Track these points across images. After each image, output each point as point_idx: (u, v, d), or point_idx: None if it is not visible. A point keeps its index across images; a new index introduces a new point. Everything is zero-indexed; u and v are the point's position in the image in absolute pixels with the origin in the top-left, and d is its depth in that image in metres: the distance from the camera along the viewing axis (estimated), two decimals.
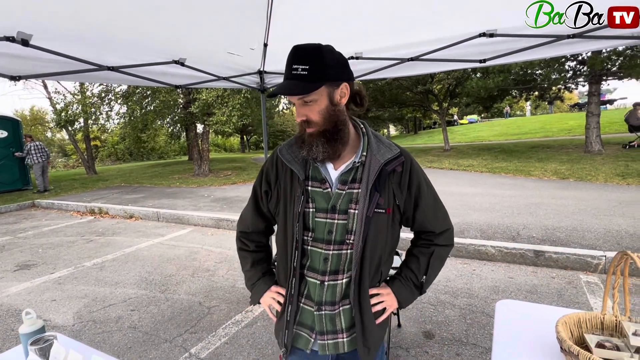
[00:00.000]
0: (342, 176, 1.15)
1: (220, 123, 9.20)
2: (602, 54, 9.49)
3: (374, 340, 1.23)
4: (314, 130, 1.11)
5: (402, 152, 1.18)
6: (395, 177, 1.17)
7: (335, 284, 1.18)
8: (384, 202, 1.14)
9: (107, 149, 28.19)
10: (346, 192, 1.14)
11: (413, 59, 2.63)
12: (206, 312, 3.24)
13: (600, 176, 7.51)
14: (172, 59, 2.53)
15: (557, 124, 19.83)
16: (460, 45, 2.42)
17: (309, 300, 1.21)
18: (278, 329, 1.29)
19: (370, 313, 1.20)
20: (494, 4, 2.13)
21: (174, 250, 5.05)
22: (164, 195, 9.01)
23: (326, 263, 1.17)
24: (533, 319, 1.54)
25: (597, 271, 3.63)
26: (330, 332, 1.20)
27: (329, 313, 1.19)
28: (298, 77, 1.04)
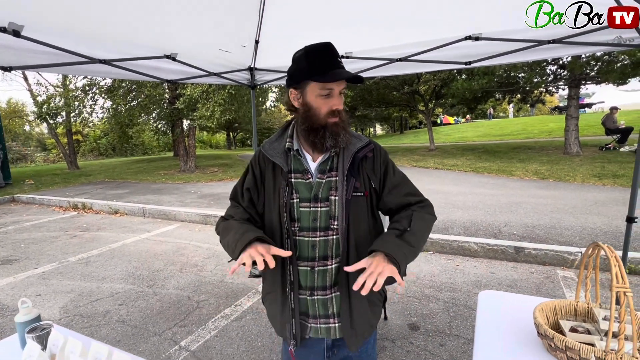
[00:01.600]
0: (321, 166, 1.25)
1: (204, 118, 9.13)
2: (582, 59, 9.81)
3: (362, 327, 1.28)
4: (339, 120, 1.20)
5: (370, 141, 1.29)
6: (368, 163, 1.26)
7: (325, 269, 1.24)
8: (360, 185, 1.23)
9: (89, 143, 27.57)
10: (325, 181, 1.23)
11: (402, 60, 2.71)
12: (195, 306, 3.26)
13: (578, 177, 7.79)
14: (164, 53, 2.55)
15: (538, 126, 20.36)
16: (447, 47, 2.51)
17: (302, 290, 1.26)
18: (282, 320, 1.30)
19: (360, 299, 1.24)
20: (479, 9, 2.23)
21: (161, 245, 5.03)
22: (150, 191, 8.91)
23: (314, 250, 1.23)
24: (513, 307, 1.63)
25: (573, 267, 3.80)
26: (323, 317, 1.26)
27: (321, 298, 1.25)
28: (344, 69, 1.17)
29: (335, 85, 1.17)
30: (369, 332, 1.33)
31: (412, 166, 11.24)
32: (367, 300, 1.29)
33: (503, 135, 18.72)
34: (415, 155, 13.45)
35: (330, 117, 1.18)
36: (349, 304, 1.24)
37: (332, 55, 1.17)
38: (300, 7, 2.44)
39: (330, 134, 1.19)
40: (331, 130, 1.19)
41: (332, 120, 1.19)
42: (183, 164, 12.02)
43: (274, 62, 3.16)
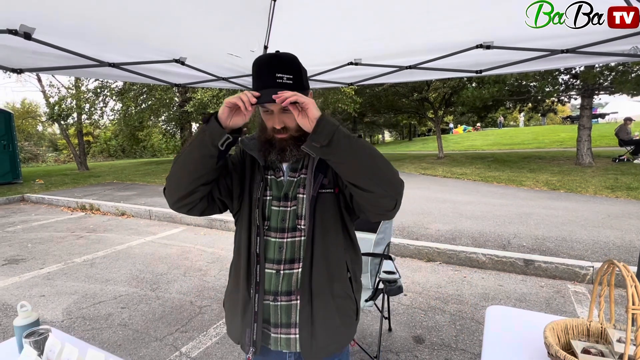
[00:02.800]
0: (292, 165, 1.22)
1: None
2: (595, 68, 9.68)
3: (326, 340, 1.19)
4: (287, 136, 1.15)
5: None
6: None
7: (291, 272, 1.18)
8: (328, 182, 1.19)
9: (99, 145, 27.96)
10: (296, 179, 1.21)
11: (411, 67, 2.68)
12: (197, 311, 3.23)
13: (590, 188, 7.64)
14: (173, 57, 2.54)
15: (550, 136, 20.12)
16: (458, 55, 2.47)
17: (266, 294, 1.19)
18: (242, 326, 1.22)
19: (325, 306, 1.17)
20: (491, 16, 2.19)
21: (165, 248, 5.02)
22: (157, 193, 8.95)
23: (281, 252, 1.19)
24: (522, 324, 1.58)
25: (584, 281, 3.70)
26: (284, 325, 1.18)
27: (285, 304, 1.18)
28: (284, 86, 1.06)
29: (269, 106, 1.10)
30: (336, 347, 1.23)
31: (420, 174, 11.16)
32: (336, 309, 1.20)
33: (513, 145, 18.52)
34: (424, 162, 13.36)
35: (276, 133, 1.15)
36: (310, 311, 1.16)
37: (270, 71, 1.06)
38: (310, 12, 2.43)
39: (276, 149, 1.17)
40: (278, 146, 1.16)
41: (279, 136, 1.15)
42: None
43: None
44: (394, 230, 5.08)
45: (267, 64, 1.09)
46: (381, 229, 2.63)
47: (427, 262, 4.33)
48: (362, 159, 1.00)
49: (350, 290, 1.25)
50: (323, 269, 1.17)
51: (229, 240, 5.38)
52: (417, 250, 4.44)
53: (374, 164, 1.01)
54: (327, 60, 2.92)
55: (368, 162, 1.01)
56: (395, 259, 2.81)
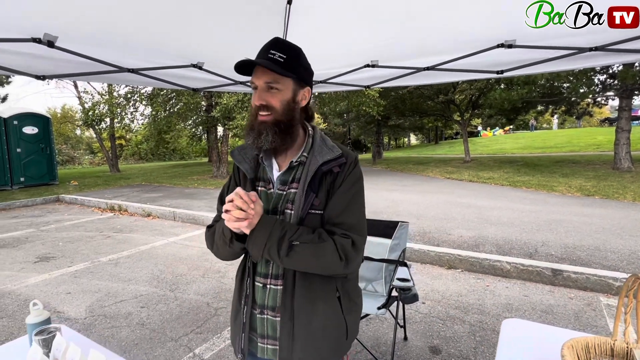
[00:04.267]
0: (282, 176, 1.17)
1: (240, 127, 9.33)
2: (635, 67, 9.15)
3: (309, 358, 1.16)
4: (269, 118, 1.10)
5: (344, 154, 1.16)
6: (331, 178, 1.14)
7: (276, 288, 1.15)
8: (319, 203, 1.12)
9: (131, 148, 29.09)
10: (285, 193, 1.15)
11: (429, 69, 2.60)
12: (213, 313, 3.26)
13: (628, 194, 7.20)
14: (191, 62, 2.59)
15: (585, 139, 19.19)
16: (477, 56, 2.38)
17: (254, 304, 1.19)
18: (234, 332, 1.26)
19: (308, 327, 1.14)
20: (512, 13, 2.09)
21: (187, 250, 5.13)
22: (182, 195, 9.18)
23: (268, 266, 1.16)
24: (539, 340, 1.48)
25: (619, 294, 3.46)
26: (271, 338, 1.18)
27: (271, 318, 1.17)
28: (274, 61, 1.06)
29: (255, 78, 1.10)
30: None
31: (445, 178, 10.89)
32: (319, 329, 1.15)
33: (545, 148, 17.77)
34: (449, 167, 13.03)
35: (258, 113, 1.10)
36: (291, 327, 1.13)
37: (266, 49, 1.09)
38: (326, 14, 2.40)
39: (254, 132, 1.12)
40: (256, 129, 1.11)
41: (261, 117, 1.10)
42: (215, 169, 12.34)
43: None
44: (415, 235, 4.96)
45: (266, 44, 1.12)
46: (396, 234, 2.56)
47: (448, 269, 4.19)
48: (296, 267, 1.11)
49: (339, 310, 1.19)
50: (305, 289, 1.14)
51: None
52: (438, 256, 4.31)
53: (306, 268, 1.11)
54: (343, 62, 2.89)
55: (301, 268, 1.11)
56: (411, 266, 2.73)
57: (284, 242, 1.05)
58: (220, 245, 1.15)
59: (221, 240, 1.14)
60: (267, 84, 1.09)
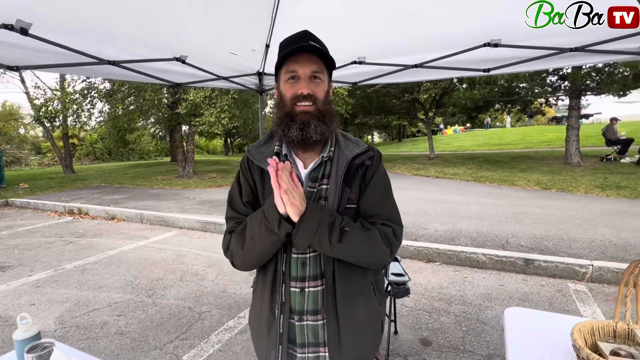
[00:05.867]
0: (312, 173, 1.13)
1: (208, 124, 9.04)
2: (583, 70, 9.86)
3: (353, 356, 1.14)
4: (313, 108, 1.08)
5: (370, 147, 1.17)
6: (363, 170, 1.14)
7: (316, 290, 1.11)
8: (355, 196, 1.11)
9: (85, 147, 27.36)
10: (317, 189, 1.12)
11: (417, 66, 2.64)
12: (197, 317, 3.14)
13: (581, 187, 7.75)
14: (174, 56, 2.46)
15: (537, 136, 20.45)
16: (465, 54, 2.45)
17: (291, 313, 1.12)
18: (266, 347, 1.16)
19: (351, 323, 1.11)
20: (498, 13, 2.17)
21: (160, 253, 4.90)
22: (148, 196, 8.77)
23: (304, 268, 1.11)
24: (543, 327, 1.54)
25: (584, 280, 3.72)
26: (312, 345, 1.12)
27: (312, 324, 1.11)
28: (316, 50, 1.05)
29: (299, 67, 1.05)
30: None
31: (412, 174, 11.19)
32: (362, 325, 1.14)
33: (502, 145, 18.76)
34: (416, 163, 13.41)
35: (297, 103, 1.06)
36: (337, 327, 1.10)
37: (302, 38, 1.06)
38: (313, 9, 2.37)
39: (297, 123, 1.06)
40: (300, 119, 1.06)
41: (300, 107, 1.06)
42: (181, 169, 11.90)
43: None
44: None
45: (299, 35, 1.09)
46: None
47: (427, 262, 4.31)
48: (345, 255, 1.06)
49: (376, 302, 1.19)
50: (345, 284, 1.11)
51: None
52: (417, 251, 4.42)
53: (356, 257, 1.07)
54: None
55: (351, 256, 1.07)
56: (401, 261, 2.77)
57: (334, 228, 1.02)
58: (259, 238, 1.05)
59: (263, 229, 1.03)
60: (313, 72, 1.07)
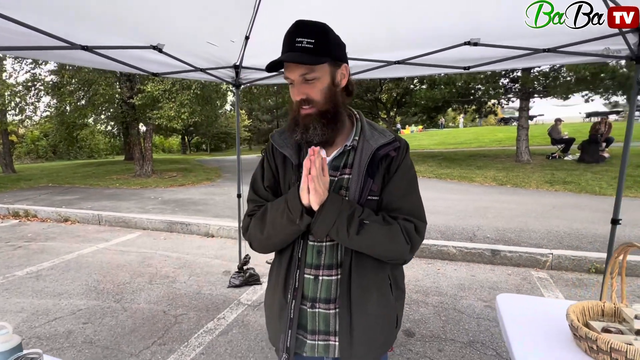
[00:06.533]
0: (334, 162, 1.11)
1: (167, 118, 8.61)
2: (532, 73, 10.58)
3: (364, 348, 1.12)
4: (313, 111, 1.04)
5: (397, 138, 1.13)
6: (387, 162, 1.10)
7: (330, 279, 1.11)
8: (377, 188, 1.08)
9: (25, 145, 25.14)
10: (338, 178, 1.10)
11: (399, 62, 2.69)
12: (173, 321, 2.98)
13: (532, 183, 8.32)
14: (150, 43, 2.32)
15: (488, 136, 21.67)
16: (446, 52, 2.53)
17: (303, 298, 1.12)
18: (276, 330, 1.17)
19: (364, 316, 1.10)
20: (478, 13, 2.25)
21: (123, 256, 4.61)
22: (104, 196, 8.23)
23: (320, 256, 1.11)
24: (535, 311, 1.62)
25: (545, 267, 3.99)
26: (323, 333, 1.12)
27: (323, 312, 1.11)
28: (303, 50, 0.98)
29: (289, 72, 1.03)
30: (375, 356, 1.17)
31: None
32: (375, 319, 1.13)
33: (457, 144, 19.67)
34: None
35: (300, 107, 1.05)
36: (349, 320, 1.09)
37: (290, 37, 1.00)
38: (295, 3, 2.34)
39: (301, 126, 1.06)
40: (302, 123, 1.05)
41: (303, 111, 1.05)
42: (139, 168, 11.29)
43: (265, 60, 3.01)
44: None
45: (289, 30, 1.02)
46: None
47: None
48: (363, 248, 1.05)
49: (391, 297, 1.17)
50: (361, 277, 1.10)
51: (192, 244, 5.07)
52: None
53: (374, 250, 1.06)
54: None
55: (368, 249, 1.06)
56: None
57: (353, 220, 1.00)
58: (280, 226, 1.05)
59: (284, 219, 1.03)
60: (303, 76, 1.02)
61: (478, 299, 3.29)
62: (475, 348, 2.57)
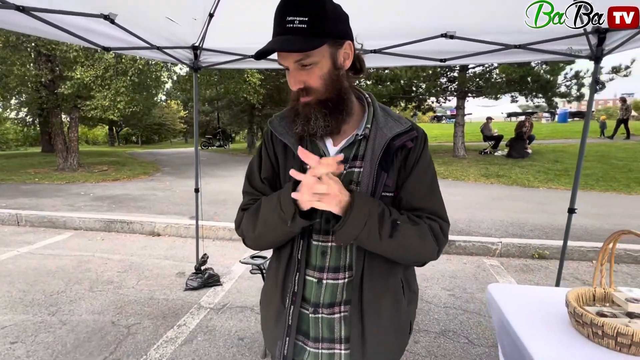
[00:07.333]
0: (343, 152, 0.98)
1: (101, 108, 7.71)
2: (467, 74, 11.31)
3: (377, 358, 1.03)
4: (312, 99, 0.91)
5: (413, 126, 1.00)
6: (403, 154, 0.98)
7: (335, 283, 1.00)
8: (392, 183, 0.97)
9: None
10: (347, 172, 0.97)
11: (376, 51, 2.62)
12: (125, 332, 2.64)
13: (470, 176, 8.91)
14: (101, 12, 1.97)
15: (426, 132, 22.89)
16: (423, 43, 2.51)
17: (304, 302, 1.02)
18: (273, 336, 1.06)
19: (377, 322, 1.01)
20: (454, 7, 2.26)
21: (53, 260, 4.02)
22: (20, 193, 7.17)
23: (324, 257, 0.99)
24: (529, 299, 1.65)
25: (495, 255, 4.25)
26: (327, 340, 1.02)
27: (327, 317, 1.00)
28: (295, 31, 0.83)
29: (282, 59, 0.89)
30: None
31: None
32: (389, 326, 1.03)
33: None
34: None
35: (299, 95, 0.92)
36: (361, 328, 0.99)
37: (281, 16, 0.85)
38: None
39: (301, 117, 0.93)
40: (302, 113, 0.93)
41: (302, 99, 0.91)
42: (62, 161, 10.05)
43: (230, 43, 2.76)
44: None
45: (280, 5, 0.86)
46: None
47: None
48: (391, 251, 0.95)
49: (404, 301, 1.07)
50: (373, 280, 1.00)
51: (136, 245, 4.60)
52: None
53: (404, 254, 0.96)
54: None
55: (397, 253, 0.95)
56: None
57: (385, 221, 0.88)
58: (272, 225, 0.94)
59: (276, 218, 0.92)
60: (298, 62, 0.87)
61: (442, 288, 3.39)
62: (448, 337, 2.63)
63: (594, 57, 2.35)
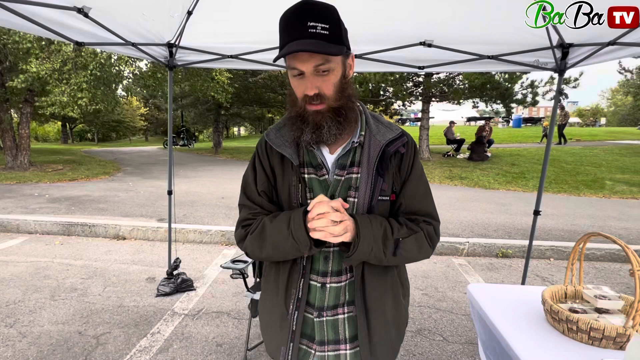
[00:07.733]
0: (340, 160, 1.02)
1: (59, 105, 7.21)
2: (432, 80, 11.72)
3: (384, 354, 1.09)
4: (324, 107, 0.93)
5: (403, 132, 1.06)
6: (397, 159, 1.03)
7: (338, 286, 1.04)
8: (387, 187, 1.01)
9: None
10: (345, 178, 1.01)
11: (357, 57, 2.66)
12: (94, 342, 2.50)
13: (435, 178, 9.23)
14: (74, 4, 1.86)
15: None
16: (402, 50, 2.58)
17: (308, 307, 1.05)
18: (276, 341, 1.07)
19: (381, 319, 1.06)
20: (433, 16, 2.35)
21: (7, 267, 3.73)
22: None
23: (327, 262, 1.03)
24: (508, 298, 1.75)
25: (463, 254, 4.43)
26: (332, 342, 1.05)
27: (331, 319, 1.04)
28: (318, 36, 0.85)
29: (299, 63, 0.88)
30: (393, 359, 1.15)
31: None
32: (391, 320, 1.08)
33: None
34: None
35: (308, 103, 0.93)
36: (366, 326, 1.03)
37: (301, 20, 0.85)
38: None
39: (309, 125, 0.94)
40: (312, 122, 0.94)
41: (313, 107, 0.93)
42: (11, 159, 9.32)
43: (209, 41, 2.69)
44: None
45: (297, 11, 0.87)
46: None
47: None
48: (394, 263, 1.05)
49: (400, 296, 1.12)
50: (374, 280, 1.04)
51: (100, 249, 4.36)
52: None
53: (405, 262, 1.08)
54: (262, 38, 2.64)
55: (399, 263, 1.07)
56: None
57: (388, 241, 0.96)
58: (283, 251, 0.98)
59: (289, 246, 0.95)
60: (317, 67, 0.88)
61: (415, 288, 3.49)
62: (424, 335, 2.71)
63: (558, 69, 2.51)
